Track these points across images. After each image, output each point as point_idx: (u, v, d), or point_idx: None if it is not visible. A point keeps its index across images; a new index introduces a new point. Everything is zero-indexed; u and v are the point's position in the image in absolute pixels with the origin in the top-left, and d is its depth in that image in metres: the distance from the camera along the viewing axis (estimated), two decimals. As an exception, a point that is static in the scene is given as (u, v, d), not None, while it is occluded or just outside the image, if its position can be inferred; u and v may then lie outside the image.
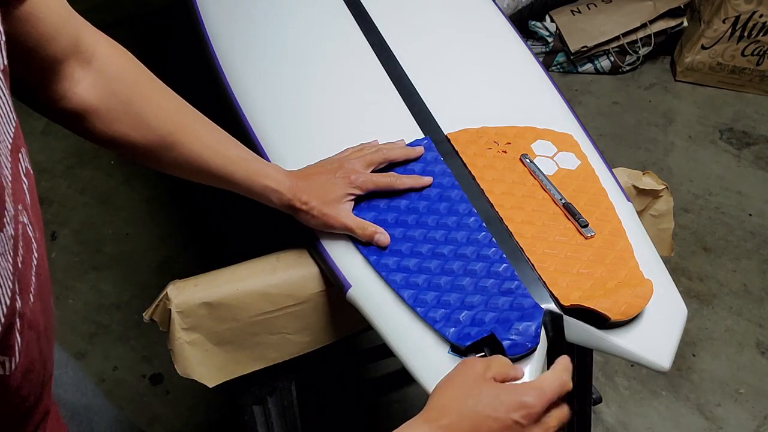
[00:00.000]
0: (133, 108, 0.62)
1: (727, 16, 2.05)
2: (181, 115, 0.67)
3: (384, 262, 0.71)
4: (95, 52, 0.60)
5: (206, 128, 0.69)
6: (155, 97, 0.65)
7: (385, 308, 0.70)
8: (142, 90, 0.63)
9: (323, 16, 1.01)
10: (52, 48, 0.53)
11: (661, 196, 0.87)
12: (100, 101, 0.59)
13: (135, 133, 0.62)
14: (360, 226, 0.72)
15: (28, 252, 0.39)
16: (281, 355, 0.80)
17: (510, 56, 0.97)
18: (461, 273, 0.69)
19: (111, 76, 0.60)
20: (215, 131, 0.70)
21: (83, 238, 1.77)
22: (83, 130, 0.61)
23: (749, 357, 1.50)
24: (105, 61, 0.60)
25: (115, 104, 0.60)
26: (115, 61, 0.62)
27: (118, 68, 0.62)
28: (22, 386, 0.39)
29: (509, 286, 0.68)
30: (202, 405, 1.43)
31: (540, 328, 0.64)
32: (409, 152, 0.79)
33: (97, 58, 0.60)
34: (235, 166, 0.70)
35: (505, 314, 0.65)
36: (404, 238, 0.73)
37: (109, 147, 0.64)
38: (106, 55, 0.61)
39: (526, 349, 0.63)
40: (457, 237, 0.72)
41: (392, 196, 0.77)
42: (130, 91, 0.62)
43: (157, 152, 0.65)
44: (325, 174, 0.74)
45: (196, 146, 0.66)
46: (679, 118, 2.10)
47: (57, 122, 0.60)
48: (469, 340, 0.63)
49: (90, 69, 0.59)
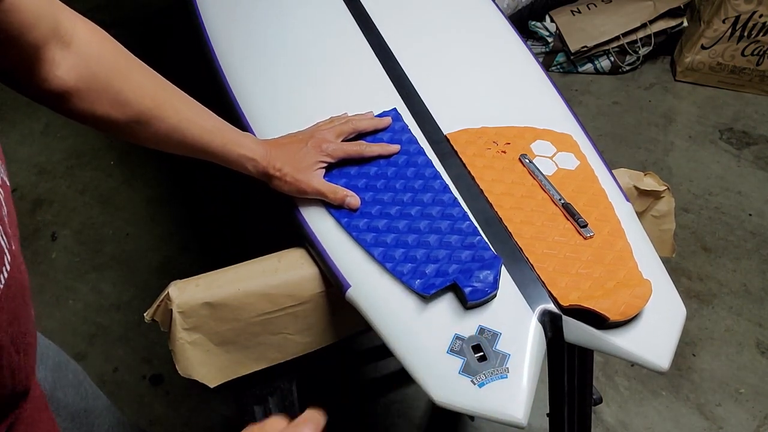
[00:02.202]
0: (113, 87, 0.64)
1: (727, 16, 2.06)
2: (159, 90, 0.69)
3: (355, 224, 0.75)
4: (74, 34, 0.61)
5: (183, 102, 0.71)
6: (134, 75, 0.66)
7: (384, 308, 0.70)
8: (120, 69, 0.65)
9: (323, 16, 1.02)
10: (33, 35, 0.55)
11: (662, 197, 0.87)
12: (81, 82, 0.61)
13: (115, 111, 0.64)
14: (331, 190, 0.76)
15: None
16: (282, 356, 0.81)
17: (510, 56, 0.97)
18: (427, 231, 0.74)
19: (90, 57, 0.62)
20: (192, 104, 0.72)
21: (83, 239, 1.77)
22: (66, 111, 0.63)
23: (749, 357, 1.50)
24: (84, 43, 0.62)
25: (95, 84, 0.62)
26: (94, 42, 0.64)
27: (97, 49, 0.63)
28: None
29: (471, 240, 0.72)
30: (202, 405, 1.44)
31: (498, 276, 0.68)
32: (377, 123, 0.83)
33: (77, 41, 0.62)
34: (212, 136, 0.72)
35: (467, 265, 0.70)
36: (374, 201, 0.77)
37: (91, 125, 0.66)
38: (84, 37, 0.62)
39: (486, 294, 0.67)
40: (423, 199, 0.77)
41: (362, 163, 0.81)
42: (110, 71, 0.64)
43: (136, 127, 0.67)
44: (297, 143, 0.78)
45: (174, 119, 0.69)
46: (679, 118, 2.10)
47: (40, 103, 0.62)
48: (434, 289, 0.68)
49: (70, 51, 0.61)
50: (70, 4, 0.62)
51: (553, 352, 0.74)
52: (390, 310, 0.70)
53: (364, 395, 1.44)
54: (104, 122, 0.65)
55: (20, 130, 2.04)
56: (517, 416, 0.61)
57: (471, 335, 0.66)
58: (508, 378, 0.63)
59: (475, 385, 0.63)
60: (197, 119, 0.72)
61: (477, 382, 0.63)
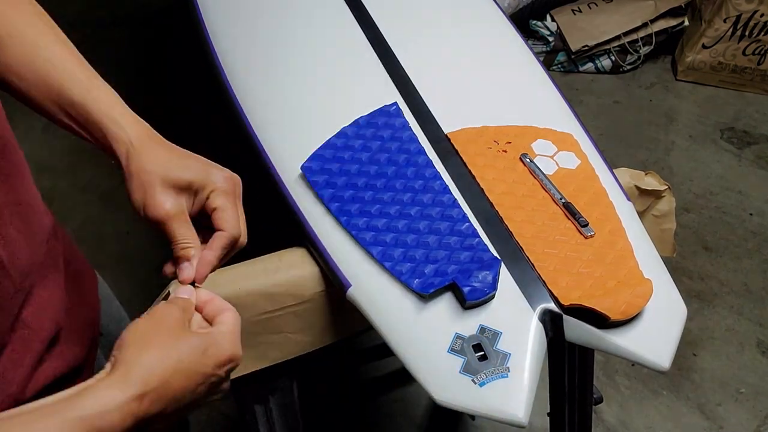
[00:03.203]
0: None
1: (728, 15, 2.05)
2: (21, 18, 0.58)
3: (354, 222, 0.75)
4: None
5: (52, 37, 0.59)
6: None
7: (385, 307, 0.70)
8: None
9: (324, 16, 1.02)
10: None
11: (663, 197, 0.87)
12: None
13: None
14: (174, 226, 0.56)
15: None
16: (283, 355, 0.81)
17: (510, 55, 0.97)
18: (426, 231, 0.74)
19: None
20: (64, 45, 0.59)
21: (84, 237, 1.78)
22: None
23: (750, 356, 1.50)
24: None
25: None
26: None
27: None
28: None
29: (470, 242, 0.72)
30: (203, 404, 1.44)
31: (497, 276, 0.68)
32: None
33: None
34: (73, 80, 0.57)
35: (466, 266, 0.70)
36: (374, 201, 0.77)
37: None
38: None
39: (485, 294, 0.67)
40: (423, 199, 0.76)
41: (362, 161, 0.80)
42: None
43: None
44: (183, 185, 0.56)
45: (27, 45, 0.57)
46: (679, 117, 2.10)
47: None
48: (432, 288, 0.67)
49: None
50: (72, 4, 0.60)
51: (554, 351, 0.74)
52: (391, 309, 0.70)
53: (365, 394, 1.44)
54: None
55: (21, 128, 2.03)
56: (517, 415, 0.61)
57: (472, 334, 0.66)
58: (508, 377, 0.63)
59: (476, 385, 0.63)
60: (65, 58, 0.57)
61: (478, 381, 0.63)
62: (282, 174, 0.82)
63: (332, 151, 0.81)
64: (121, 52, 2.26)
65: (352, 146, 0.81)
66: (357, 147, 0.81)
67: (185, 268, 0.56)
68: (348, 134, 0.82)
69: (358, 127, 0.83)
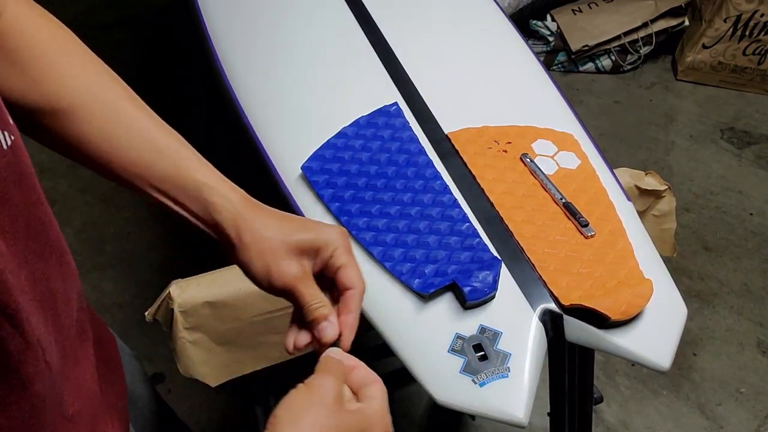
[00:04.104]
0: (38, 64, 0.51)
1: (728, 15, 2.05)
2: (104, 84, 0.54)
3: (354, 222, 0.75)
4: (5, 8, 0.51)
5: (135, 107, 0.54)
6: (73, 58, 0.53)
7: (386, 307, 0.70)
8: (57, 49, 0.53)
9: (324, 16, 1.02)
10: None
11: (663, 197, 0.87)
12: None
13: (34, 93, 0.51)
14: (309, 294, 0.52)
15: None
16: (283, 355, 0.81)
17: (511, 55, 0.97)
18: (427, 231, 0.74)
19: (14, 29, 0.51)
20: (149, 115, 0.55)
21: (85, 238, 1.78)
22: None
23: (750, 356, 1.50)
24: (12, 18, 0.51)
25: (14, 56, 0.51)
26: (30, 19, 0.53)
27: (27, 23, 0.52)
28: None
29: (471, 242, 0.72)
30: (203, 404, 1.44)
31: (497, 277, 0.68)
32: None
33: (5, 16, 0.51)
34: (162, 153, 0.53)
35: (466, 266, 0.70)
36: (374, 201, 0.77)
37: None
38: (16, 11, 0.52)
39: (485, 294, 0.67)
40: (423, 199, 0.77)
41: (362, 161, 0.80)
42: (37, 47, 0.52)
43: (59, 121, 0.52)
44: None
45: (111, 118, 0.52)
46: (680, 117, 2.10)
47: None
48: (433, 288, 0.68)
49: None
50: (73, 5, 0.59)
51: (554, 351, 0.74)
52: (392, 309, 0.70)
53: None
54: (20, 107, 0.51)
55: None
56: (518, 415, 0.61)
57: (472, 334, 0.66)
58: (509, 377, 0.63)
59: (476, 385, 0.63)
60: (149, 129, 0.53)
61: (478, 381, 0.63)
62: (282, 174, 0.82)
63: (332, 151, 0.81)
64: (121, 52, 2.26)
65: (353, 146, 0.81)
66: (357, 147, 0.81)
67: (327, 328, 0.51)
68: (348, 134, 0.82)
69: (359, 127, 0.83)
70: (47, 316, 0.41)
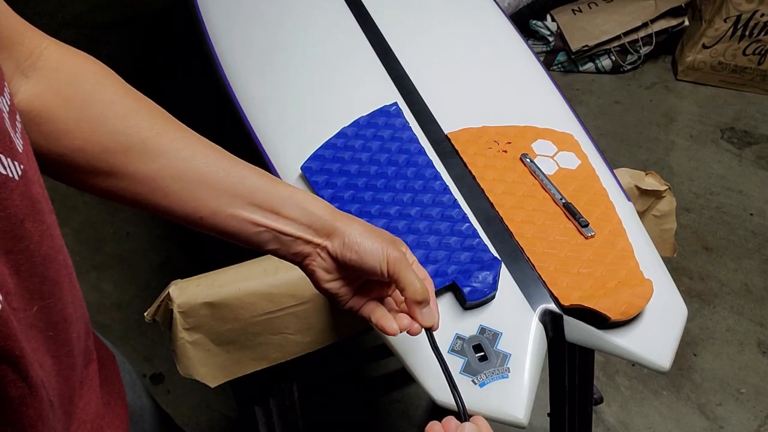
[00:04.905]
0: (91, 111, 0.49)
1: (728, 15, 2.05)
2: (160, 120, 0.52)
3: None
4: (40, 58, 0.49)
5: (198, 139, 0.53)
6: (124, 100, 0.51)
7: (385, 308, 0.70)
8: (104, 92, 0.50)
9: (324, 16, 1.02)
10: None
11: (663, 197, 0.87)
12: (44, 109, 0.48)
13: (93, 144, 0.49)
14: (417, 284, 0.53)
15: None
16: (283, 355, 0.81)
17: (510, 55, 0.97)
18: (426, 232, 0.74)
19: (60, 80, 0.49)
20: (213, 146, 0.54)
21: (84, 238, 1.78)
22: (36, 151, 0.45)
23: (750, 356, 1.50)
24: (52, 67, 0.49)
25: (66, 112, 0.48)
26: (68, 64, 0.50)
27: (70, 71, 0.50)
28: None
29: (470, 243, 0.72)
30: (203, 405, 1.44)
31: (497, 277, 0.68)
32: None
33: (42, 64, 0.49)
34: (252, 181, 0.52)
35: (466, 266, 0.70)
36: (373, 201, 0.77)
37: (68, 175, 0.51)
38: (54, 59, 0.50)
39: (485, 295, 0.67)
40: (423, 199, 0.77)
41: (362, 161, 0.80)
42: (87, 95, 0.49)
43: (129, 165, 0.49)
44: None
45: (185, 154, 0.51)
46: (680, 117, 2.10)
47: None
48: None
49: (30, 78, 0.48)
50: (72, 5, 0.59)
51: (554, 351, 0.74)
52: (391, 309, 0.69)
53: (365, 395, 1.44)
54: (80, 160, 0.49)
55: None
56: (518, 416, 0.61)
57: (472, 335, 0.66)
58: (509, 378, 0.63)
59: (476, 385, 0.63)
60: (220, 160, 0.52)
61: (478, 381, 0.63)
62: (282, 174, 0.82)
63: (332, 151, 0.81)
64: (121, 52, 2.26)
65: (352, 146, 0.81)
66: (357, 147, 0.81)
67: (429, 312, 0.54)
68: (348, 134, 0.82)
69: (358, 127, 0.83)
70: (55, 351, 0.40)
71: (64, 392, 0.43)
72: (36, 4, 2.47)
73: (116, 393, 0.58)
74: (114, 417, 0.55)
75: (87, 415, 0.48)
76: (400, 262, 0.52)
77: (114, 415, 0.55)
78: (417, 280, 0.52)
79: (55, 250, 0.40)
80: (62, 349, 0.42)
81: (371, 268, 0.52)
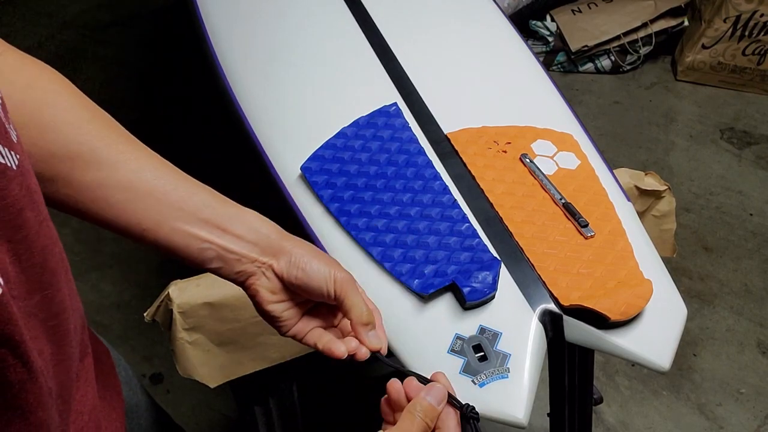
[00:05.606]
0: (39, 119, 0.48)
1: (728, 15, 2.05)
2: (113, 135, 0.51)
3: (354, 223, 0.75)
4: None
5: (148, 154, 0.52)
6: (77, 110, 0.50)
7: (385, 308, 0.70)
8: (59, 100, 0.50)
9: (324, 16, 1.02)
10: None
11: (663, 197, 0.87)
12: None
13: (41, 149, 0.48)
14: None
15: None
16: (283, 356, 0.81)
17: (510, 56, 0.97)
18: (426, 232, 0.74)
19: (16, 86, 0.49)
20: (162, 162, 0.53)
21: (84, 238, 1.77)
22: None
23: (750, 357, 1.50)
24: (9, 71, 0.49)
25: (14, 117, 0.45)
26: (24, 72, 0.50)
27: (26, 79, 0.50)
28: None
29: (470, 243, 0.72)
30: (203, 405, 1.44)
31: (497, 277, 0.68)
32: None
33: (0, 68, 0.49)
34: (198, 197, 0.52)
35: (466, 266, 0.70)
36: (373, 201, 0.77)
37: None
38: (10, 63, 0.49)
39: (485, 295, 0.67)
40: (423, 199, 0.77)
41: (362, 162, 0.80)
42: (39, 101, 0.49)
43: (72, 173, 0.49)
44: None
45: (132, 166, 0.50)
46: (680, 117, 2.10)
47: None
48: (432, 289, 0.68)
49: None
50: (72, 5, 0.59)
51: (554, 351, 0.74)
52: (391, 309, 0.69)
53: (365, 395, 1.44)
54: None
55: (21, 130, 2.03)
56: (517, 416, 0.61)
57: (472, 335, 0.66)
58: (508, 378, 0.63)
59: (476, 385, 0.63)
60: (168, 174, 0.52)
61: (478, 382, 0.63)
62: (282, 174, 0.82)
63: (332, 151, 0.81)
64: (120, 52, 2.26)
65: (352, 146, 0.81)
66: (357, 147, 0.81)
67: (376, 335, 0.55)
68: (348, 134, 0.82)
69: (358, 127, 0.83)
70: (54, 340, 0.41)
71: (62, 382, 0.43)
72: (36, 4, 2.47)
73: (112, 387, 0.59)
74: (110, 410, 0.55)
75: (84, 406, 0.48)
76: (347, 282, 0.52)
77: (110, 408, 0.56)
78: (362, 302, 0.53)
79: (52, 241, 0.40)
80: (61, 338, 0.42)
81: (317, 287, 0.52)
